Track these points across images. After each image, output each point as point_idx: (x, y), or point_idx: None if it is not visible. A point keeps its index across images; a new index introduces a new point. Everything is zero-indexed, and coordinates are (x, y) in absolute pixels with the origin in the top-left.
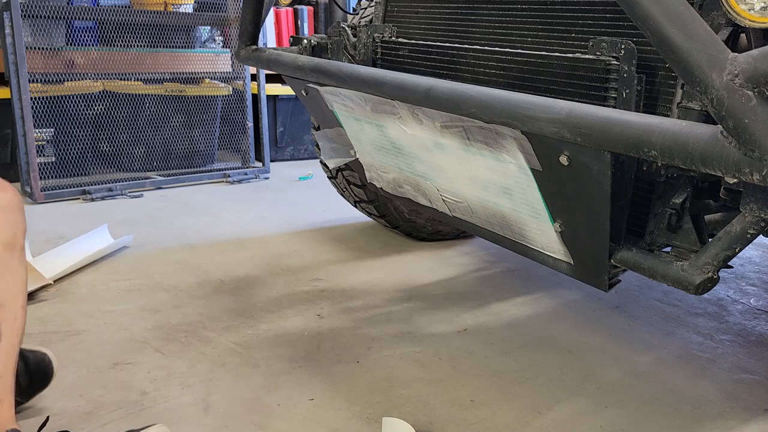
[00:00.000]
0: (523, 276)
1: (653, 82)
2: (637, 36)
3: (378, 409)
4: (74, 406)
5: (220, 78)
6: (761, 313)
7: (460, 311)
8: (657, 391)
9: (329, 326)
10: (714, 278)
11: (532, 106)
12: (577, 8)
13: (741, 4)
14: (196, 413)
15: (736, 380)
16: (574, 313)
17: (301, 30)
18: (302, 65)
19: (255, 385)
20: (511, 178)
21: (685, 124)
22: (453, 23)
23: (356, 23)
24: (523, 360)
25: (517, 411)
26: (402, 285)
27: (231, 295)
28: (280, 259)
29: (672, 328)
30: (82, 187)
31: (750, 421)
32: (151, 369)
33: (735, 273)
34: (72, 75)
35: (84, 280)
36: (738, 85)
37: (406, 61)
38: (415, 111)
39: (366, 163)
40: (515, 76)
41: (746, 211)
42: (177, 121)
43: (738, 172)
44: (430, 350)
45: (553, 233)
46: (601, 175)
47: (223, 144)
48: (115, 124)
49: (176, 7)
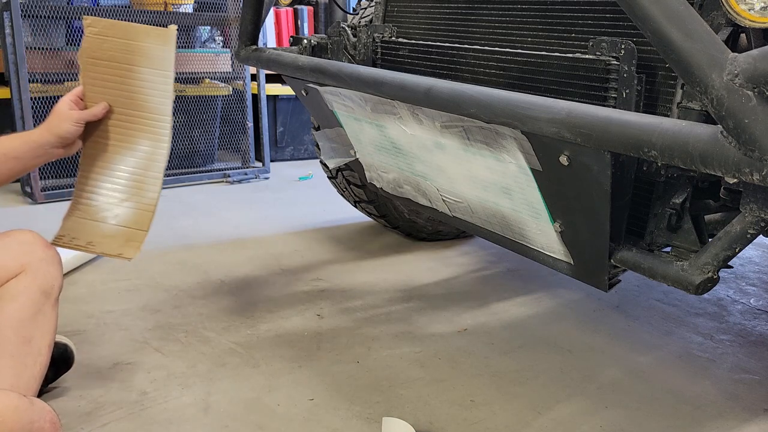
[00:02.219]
0: (523, 276)
1: (653, 82)
2: (637, 36)
3: (378, 409)
4: (74, 406)
5: (220, 78)
6: (761, 313)
7: (460, 311)
8: (657, 391)
9: (329, 326)
10: (714, 278)
11: (532, 106)
12: (577, 8)
13: (741, 4)
14: (196, 413)
15: (736, 380)
16: (574, 313)
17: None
18: (302, 65)
19: (255, 385)
20: (511, 178)
21: (685, 124)
22: (453, 23)
23: (356, 23)
24: (523, 360)
25: (517, 411)
26: (402, 285)
27: (231, 295)
28: (280, 259)
29: (672, 328)
30: None
31: (750, 421)
32: (151, 369)
33: (735, 273)
34: (72, 75)
35: (84, 280)
36: (738, 85)
37: (406, 61)
38: (415, 111)
39: (366, 163)
40: (515, 76)
41: (746, 211)
42: (177, 121)
43: (738, 172)
44: (430, 350)
45: (553, 233)
46: (601, 175)
47: (223, 144)
48: None
49: (176, 7)
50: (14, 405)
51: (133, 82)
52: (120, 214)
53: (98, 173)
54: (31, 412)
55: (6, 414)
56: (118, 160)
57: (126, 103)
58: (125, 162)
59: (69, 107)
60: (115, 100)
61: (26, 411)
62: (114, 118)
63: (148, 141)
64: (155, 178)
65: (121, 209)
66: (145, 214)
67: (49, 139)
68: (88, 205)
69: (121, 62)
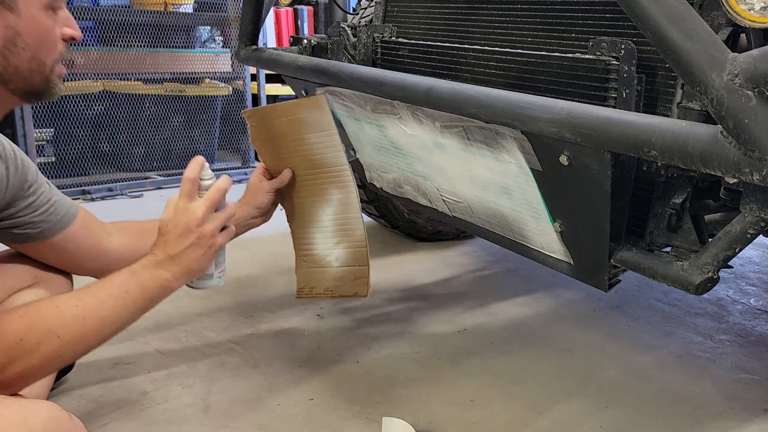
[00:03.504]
0: (523, 276)
1: (653, 82)
2: (637, 36)
3: (378, 409)
4: (74, 406)
5: (220, 78)
6: (761, 313)
7: (460, 311)
8: (657, 391)
9: (329, 326)
10: (714, 278)
11: (532, 106)
12: (577, 8)
13: (741, 4)
14: (196, 413)
15: (736, 380)
16: (574, 313)
17: (301, 30)
18: (302, 65)
19: (255, 385)
20: (511, 178)
21: (685, 124)
22: (453, 23)
23: (356, 23)
24: (523, 360)
25: (517, 411)
26: (402, 285)
27: (231, 295)
28: (280, 259)
29: (672, 328)
30: (82, 187)
31: (750, 421)
32: (151, 369)
33: (735, 273)
34: (72, 75)
35: (83, 280)
36: (738, 85)
37: (406, 61)
38: (415, 111)
39: (366, 163)
40: (515, 76)
41: (746, 211)
42: (177, 121)
43: (738, 172)
44: (430, 350)
45: (553, 233)
46: (601, 175)
47: (223, 144)
48: (115, 124)
49: (176, 7)
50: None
51: (305, 147)
52: (340, 257)
53: (306, 228)
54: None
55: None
56: (318, 212)
57: (305, 164)
58: (325, 212)
59: (259, 180)
60: (296, 165)
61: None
62: (300, 180)
63: (336, 189)
64: (356, 218)
65: (339, 251)
66: (361, 251)
67: (249, 211)
68: (310, 256)
69: (288, 135)
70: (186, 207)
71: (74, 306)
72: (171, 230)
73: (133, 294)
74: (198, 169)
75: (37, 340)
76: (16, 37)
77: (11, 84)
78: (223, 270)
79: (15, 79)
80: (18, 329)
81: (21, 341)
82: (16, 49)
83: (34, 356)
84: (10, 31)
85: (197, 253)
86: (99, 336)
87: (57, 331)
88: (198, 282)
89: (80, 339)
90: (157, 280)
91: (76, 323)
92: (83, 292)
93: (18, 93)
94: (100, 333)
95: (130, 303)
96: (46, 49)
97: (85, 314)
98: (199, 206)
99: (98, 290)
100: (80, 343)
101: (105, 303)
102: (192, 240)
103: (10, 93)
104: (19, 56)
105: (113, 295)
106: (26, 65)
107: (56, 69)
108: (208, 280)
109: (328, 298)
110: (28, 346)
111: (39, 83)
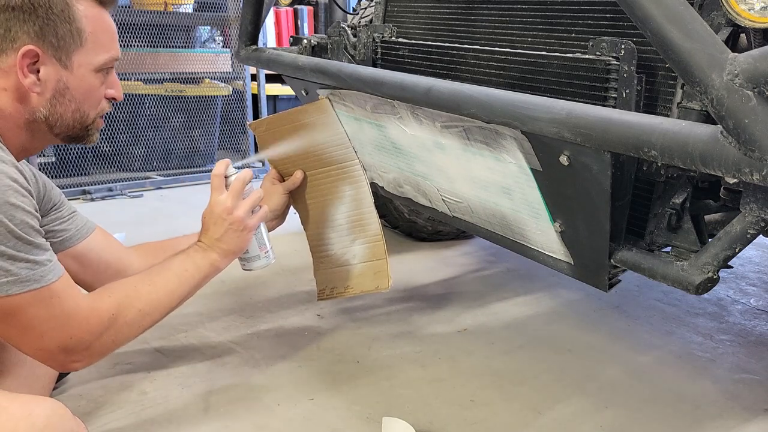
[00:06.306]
0: (523, 276)
1: (653, 82)
2: (637, 36)
3: (378, 409)
4: (74, 406)
5: (220, 78)
6: (761, 313)
7: (460, 311)
8: (657, 390)
9: (329, 326)
10: (714, 278)
11: (532, 106)
12: (577, 8)
13: (741, 4)
14: (196, 413)
15: (736, 380)
16: (574, 313)
17: (301, 30)
18: (302, 65)
19: (255, 385)
20: (511, 178)
21: (685, 124)
22: (453, 23)
23: (356, 23)
24: (523, 360)
25: (517, 411)
26: (402, 285)
27: (231, 295)
28: (280, 259)
29: (672, 328)
30: (82, 187)
31: (750, 421)
32: (151, 369)
33: (735, 273)
34: None
35: None
36: (738, 85)
37: (406, 61)
38: (415, 111)
39: (366, 163)
40: (515, 76)
41: (746, 211)
42: (177, 121)
43: (738, 172)
44: (430, 350)
45: (553, 233)
46: (601, 175)
47: (223, 144)
48: (115, 124)
49: (176, 7)
50: (61, 412)
51: (314, 147)
52: (357, 254)
53: (321, 228)
54: (74, 422)
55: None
56: (331, 211)
57: (316, 164)
58: (338, 210)
59: (272, 183)
60: (306, 167)
61: (70, 419)
62: (311, 180)
63: (348, 185)
64: (370, 212)
65: (356, 248)
66: (378, 245)
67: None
68: (327, 256)
69: (296, 139)
70: (216, 200)
71: (148, 283)
72: (209, 221)
73: (191, 271)
74: (223, 167)
75: (123, 312)
76: (65, 90)
77: (56, 129)
78: (268, 251)
79: (59, 125)
80: (109, 306)
81: (112, 315)
82: (64, 101)
83: (122, 325)
84: (61, 84)
85: (233, 235)
86: (168, 306)
87: (137, 305)
88: (249, 264)
89: (153, 309)
90: (206, 259)
91: (150, 297)
92: (152, 272)
93: (60, 136)
94: (168, 303)
95: (189, 278)
96: (89, 104)
97: (157, 289)
98: (226, 197)
99: (162, 270)
100: (154, 312)
101: (170, 280)
102: (226, 226)
103: (54, 136)
104: (65, 107)
105: (176, 273)
106: (70, 115)
107: (96, 122)
108: (256, 261)
109: (348, 296)
110: (118, 318)
111: (79, 131)
